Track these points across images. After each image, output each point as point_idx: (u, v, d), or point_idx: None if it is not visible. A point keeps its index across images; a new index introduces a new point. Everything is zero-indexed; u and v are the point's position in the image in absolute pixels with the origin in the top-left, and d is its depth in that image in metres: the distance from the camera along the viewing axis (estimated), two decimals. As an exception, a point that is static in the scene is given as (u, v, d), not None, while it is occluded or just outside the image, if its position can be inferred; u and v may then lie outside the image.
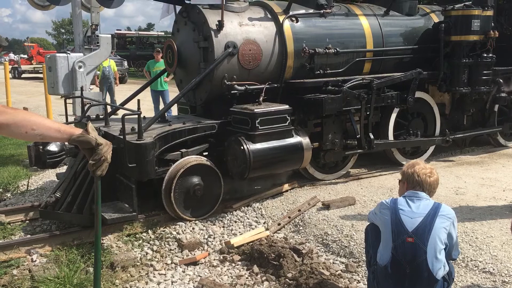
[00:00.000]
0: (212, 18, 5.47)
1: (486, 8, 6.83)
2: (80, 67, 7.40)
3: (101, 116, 5.98)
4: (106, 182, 4.63)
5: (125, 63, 26.64)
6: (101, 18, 8.58)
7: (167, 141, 5.02)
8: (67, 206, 4.79)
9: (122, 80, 24.54)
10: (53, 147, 4.80)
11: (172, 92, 10.56)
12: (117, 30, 36.69)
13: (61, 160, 4.97)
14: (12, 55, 38.58)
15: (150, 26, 73.28)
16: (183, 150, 5.17)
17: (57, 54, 7.57)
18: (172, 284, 3.98)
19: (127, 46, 32.89)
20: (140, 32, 39.73)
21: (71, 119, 6.35)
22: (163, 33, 37.44)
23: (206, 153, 5.46)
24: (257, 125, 5.08)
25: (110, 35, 8.31)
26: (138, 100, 5.06)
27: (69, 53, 7.66)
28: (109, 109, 6.17)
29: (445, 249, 2.97)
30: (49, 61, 7.52)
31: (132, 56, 31.25)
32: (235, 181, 5.41)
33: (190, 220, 5.03)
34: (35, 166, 5.06)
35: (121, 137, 4.62)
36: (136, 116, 4.70)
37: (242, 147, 4.99)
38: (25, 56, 36.16)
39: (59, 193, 4.85)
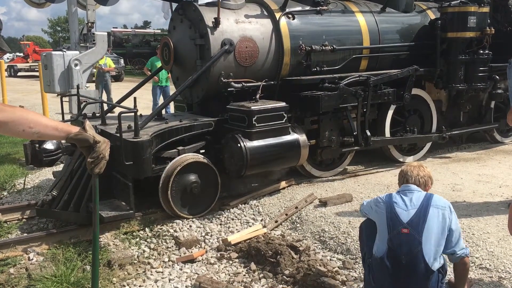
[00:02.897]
0: (209, 15, 5.45)
1: (482, 5, 6.83)
2: (76, 65, 7.37)
3: (97, 114, 5.96)
4: (102, 180, 4.64)
5: (122, 61, 26.57)
6: (97, 16, 8.56)
7: (163, 139, 5.00)
8: (63, 204, 4.78)
9: (118, 78, 24.50)
10: (49, 146, 4.79)
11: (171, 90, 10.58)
12: (113, 28, 36.60)
13: (57, 159, 4.96)
14: None
15: (146, 24, 73.05)
16: (180, 147, 5.17)
17: (53, 52, 7.55)
18: (169, 281, 3.98)
19: (123, 44, 32.78)
20: (136, 30, 39.58)
21: (67, 117, 6.34)
22: (159, 31, 37.32)
23: (203, 151, 5.45)
24: (254, 122, 5.07)
25: (106, 33, 8.28)
26: (135, 98, 5.05)
27: (65, 51, 7.63)
28: (105, 107, 6.16)
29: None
30: (45, 59, 7.50)
31: (128, 54, 31.17)
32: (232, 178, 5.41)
33: (187, 218, 5.02)
34: (31, 165, 5.05)
35: (118, 135, 4.61)
36: (133, 114, 4.69)
37: (239, 145, 4.99)
38: (21, 54, 35.96)
39: (55, 192, 4.83)
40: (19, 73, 31.88)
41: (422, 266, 2.90)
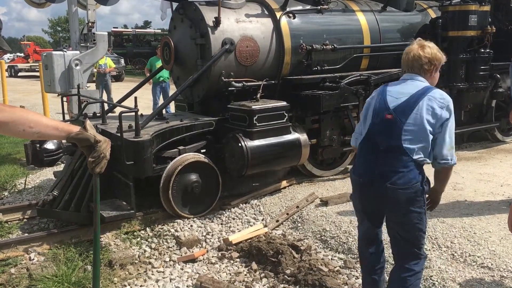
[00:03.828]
0: (209, 15, 5.44)
1: (483, 4, 6.82)
2: (76, 65, 7.36)
3: (98, 114, 5.96)
4: (103, 180, 4.64)
5: (122, 61, 26.58)
6: (97, 16, 8.54)
7: (164, 139, 5.00)
8: (64, 204, 4.78)
9: (119, 78, 24.51)
10: (50, 145, 4.78)
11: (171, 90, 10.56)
12: (113, 27, 36.61)
13: (58, 158, 4.96)
14: None
15: (146, 24, 73.05)
16: (181, 147, 5.16)
17: (54, 52, 7.53)
18: (170, 281, 3.97)
19: (124, 44, 32.81)
20: (136, 30, 39.60)
21: (67, 117, 6.33)
22: (160, 31, 37.33)
23: (204, 151, 5.45)
24: (254, 122, 5.07)
25: (106, 33, 8.26)
26: (135, 98, 5.04)
27: (65, 51, 7.62)
28: (105, 106, 6.15)
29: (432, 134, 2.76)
30: (46, 59, 7.48)
31: (129, 53, 31.19)
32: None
33: (188, 217, 5.02)
34: (32, 165, 5.05)
35: (118, 134, 4.60)
36: (133, 113, 4.69)
37: (240, 144, 4.98)
38: (22, 54, 36.00)
39: (56, 191, 4.83)
40: (20, 73, 31.90)
41: (401, 152, 2.72)
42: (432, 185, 3.00)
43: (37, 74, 22.04)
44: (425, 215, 2.86)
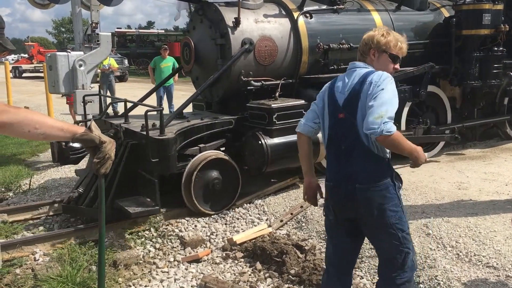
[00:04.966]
0: (229, 16, 5.51)
1: (496, 2, 6.86)
2: (80, 65, 7.33)
3: (119, 114, 6.01)
4: (128, 177, 4.68)
5: (126, 61, 26.61)
6: (101, 17, 8.53)
7: (186, 137, 5.06)
8: (89, 201, 4.83)
9: (122, 78, 24.56)
10: (75, 144, 4.84)
11: (180, 90, 10.57)
12: (117, 28, 36.65)
13: (83, 156, 5.03)
14: None
15: (150, 24, 73.10)
16: (201, 145, 5.22)
17: (58, 53, 7.45)
18: (175, 281, 3.95)
19: (127, 44, 32.86)
20: (140, 30, 39.66)
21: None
22: (163, 31, 37.39)
23: (223, 149, 5.51)
24: (274, 120, 5.14)
25: (110, 33, 8.24)
26: (160, 97, 5.07)
27: (69, 52, 7.59)
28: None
29: None
30: (50, 60, 7.40)
31: (132, 54, 31.24)
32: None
33: (210, 214, 5.07)
34: (58, 162, 5.10)
35: (143, 133, 4.67)
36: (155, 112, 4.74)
37: (260, 142, 5.05)
38: (26, 55, 36.07)
39: (82, 189, 4.90)
40: (24, 74, 31.94)
41: (362, 149, 2.62)
42: (404, 179, 2.85)
43: (41, 75, 21.98)
44: (403, 214, 2.69)
